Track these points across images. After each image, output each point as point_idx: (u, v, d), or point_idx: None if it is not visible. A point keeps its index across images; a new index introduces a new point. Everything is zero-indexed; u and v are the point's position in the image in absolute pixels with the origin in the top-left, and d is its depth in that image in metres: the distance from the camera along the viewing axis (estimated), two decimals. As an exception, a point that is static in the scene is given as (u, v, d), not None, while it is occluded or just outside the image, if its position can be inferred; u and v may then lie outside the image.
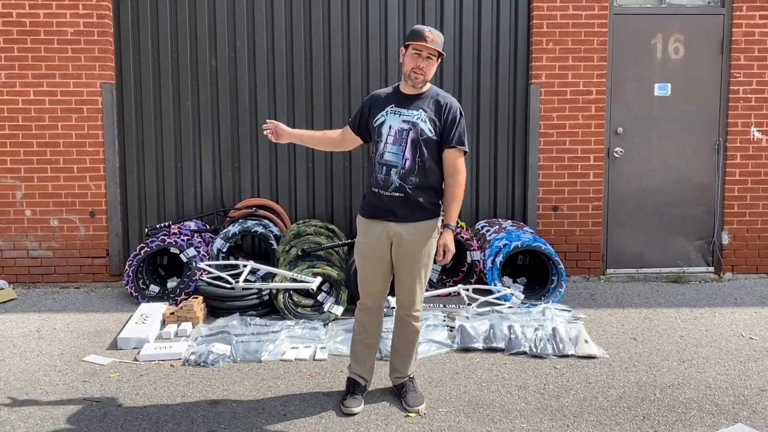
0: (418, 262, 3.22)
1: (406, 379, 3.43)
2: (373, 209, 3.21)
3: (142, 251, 5.09)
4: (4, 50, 5.44)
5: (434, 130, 3.16)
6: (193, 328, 4.44)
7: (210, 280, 4.88)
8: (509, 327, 4.26)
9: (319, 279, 4.69)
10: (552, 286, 5.11)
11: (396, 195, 3.14)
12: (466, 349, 4.11)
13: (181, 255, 5.06)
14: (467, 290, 5.04)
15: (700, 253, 5.99)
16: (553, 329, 4.23)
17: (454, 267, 5.52)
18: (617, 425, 3.17)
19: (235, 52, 5.71)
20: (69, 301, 5.23)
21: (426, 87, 3.24)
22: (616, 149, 5.85)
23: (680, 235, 5.96)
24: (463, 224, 5.62)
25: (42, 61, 5.47)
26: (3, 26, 5.42)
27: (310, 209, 5.89)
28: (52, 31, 5.45)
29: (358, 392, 3.36)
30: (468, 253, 5.26)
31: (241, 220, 5.46)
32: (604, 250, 5.94)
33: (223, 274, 4.86)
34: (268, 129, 3.38)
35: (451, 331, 4.34)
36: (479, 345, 4.13)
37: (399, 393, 3.42)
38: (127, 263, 5.11)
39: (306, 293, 4.85)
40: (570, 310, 4.80)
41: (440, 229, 3.24)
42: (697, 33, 5.80)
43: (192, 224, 5.57)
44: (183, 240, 5.13)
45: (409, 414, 3.27)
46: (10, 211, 5.58)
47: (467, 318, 4.49)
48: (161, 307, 4.74)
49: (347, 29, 5.74)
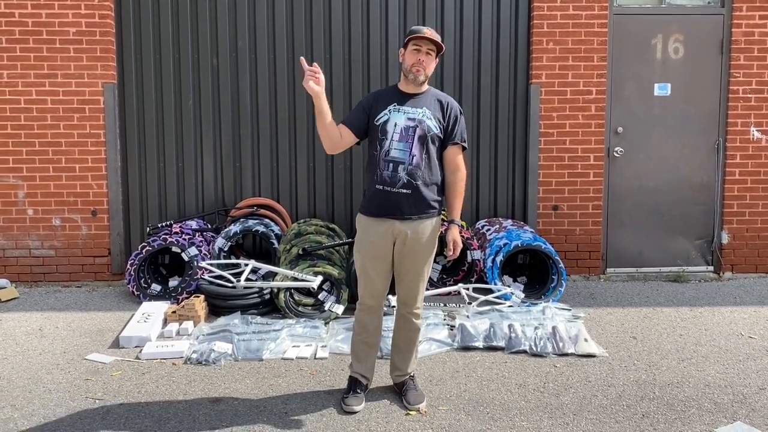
0: (421, 259, 3.27)
1: (406, 377, 3.45)
2: (378, 207, 3.22)
3: (143, 250, 5.11)
4: (7, 50, 5.46)
5: (439, 127, 3.23)
6: (195, 326, 4.45)
7: (211, 279, 4.90)
8: (509, 326, 4.28)
9: (320, 278, 4.71)
10: (552, 285, 5.13)
11: (404, 192, 3.16)
12: (467, 348, 4.12)
13: (183, 254, 5.08)
14: (467, 289, 5.06)
15: (700, 253, 6.01)
16: (553, 328, 4.25)
17: (454, 266, 5.54)
18: (617, 423, 3.18)
19: (236, 51, 5.73)
20: (71, 300, 5.25)
21: (425, 87, 3.29)
22: (616, 149, 5.87)
23: (680, 234, 5.98)
24: (464, 223, 5.64)
25: (44, 61, 5.49)
26: (5, 26, 5.44)
27: (311, 208, 5.91)
28: (54, 31, 5.47)
29: (359, 390, 3.38)
30: (468, 252, 5.27)
31: (242, 220, 5.48)
32: (604, 250, 5.96)
33: (224, 273, 4.88)
34: (314, 72, 3.06)
35: (451, 329, 4.36)
36: (479, 344, 4.14)
37: (400, 391, 3.44)
38: (129, 262, 5.13)
39: (307, 292, 4.87)
40: (570, 309, 4.82)
41: (442, 225, 3.27)
42: (696, 33, 5.81)
43: (193, 223, 5.59)
44: (184, 239, 5.15)
45: (410, 412, 3.29)
46: (13, 210, 5.60)
47: (467, 317, 4.51)
48: (163, 306, 4.76)
49: (348, 29, 5.76)
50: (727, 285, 5.70)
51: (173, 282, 5.29)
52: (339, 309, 4.69)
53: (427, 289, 5.03)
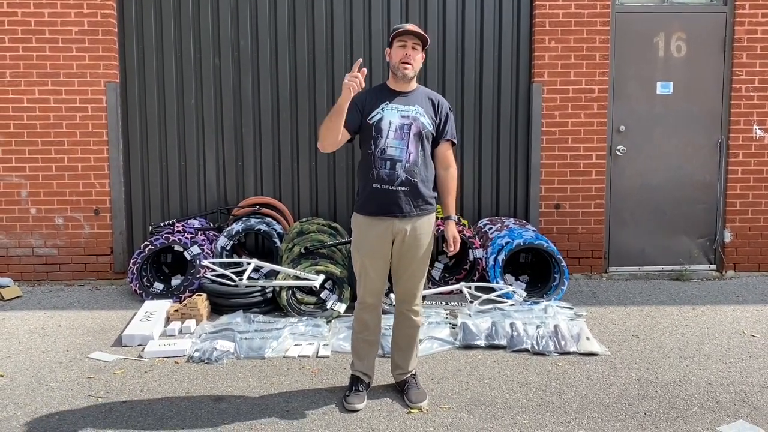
0: (419, 256, 3.29)
1: (408, 375, 3.45)
2: (376, 206, 3.22)
3: (146, 249, 5.12)
4: (10, 49, 5.47)
5: (432, 124, 3.26)
6: (197, 325, 4.46)
7: (214, 278, 4.92)
8: (511, 324, 4.28)
9: (321, 277, 4.72)
10: (554, 283, 5.13)
11: (402, 189, 3.17)
12: (469, 347, 4.12)
13: (185, 253, 5.09)
14: (470, 288, 5.05)
15: (702, 251, 6.00)
16: (555, 326, 4.25)
17: (456, 265, 5.54)
18: (618, 422, 3.18)
19: (238, 51, 5.73)
20: (74, 299, 5.26)
21: (414, 85, 3.32)
22: (618, 147, 5.86)
23: (682, 233, 5.97)
24: (466, 222, 5.64)
25: (47, 60, 5.50)
26: (8, 25, 5.46)
27: (312, 207, 5.92)
28: (56, 30, 5.48)
29: (361, 389, 3.39)
30: (470, 251, 5.27)
31: (244, 219, 5.49)
32: (606, 248, 5.95)
33: (226, 272, 4.89)
34: (356, 78, 3.00)
35: (453, 328, 4.37)
36: (481, 342, 4.15)
37: (401, 389, 3.44)
38: (132, 261, 5.14)
39: (309, 291, 4.88)
40: (572, 308, 4.82)
41: (438, 222, 3.28)
42: (699, 31, 5.80)
43: (196, 222, 5.60)
44: (187, 238, 5.16)
45: (412, 410, 3.29)
46: (16, 209, 5.61)
47: (469, 315, 4.51)
48: (165, 305, 4.77)
49: (350, 28, 5.76)
50: (729, 283, 5.69)
51: (176, 281, 5.30)
52: (341, 307, 4.69)
53: (429, 288, 5.04)
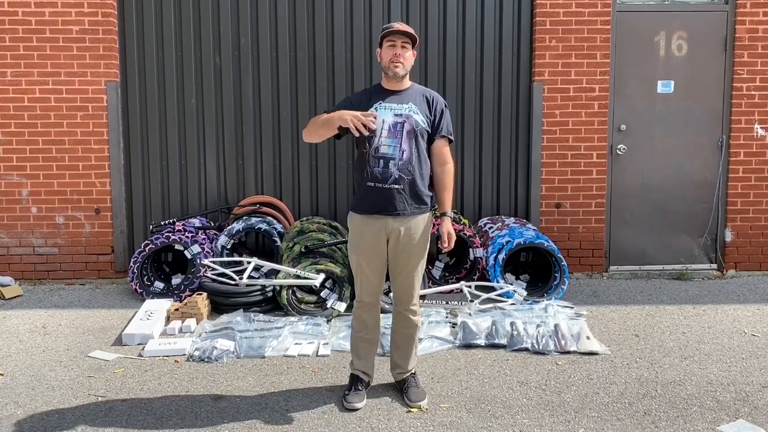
0: (415, 256, 3.28)
1: (407, 374, 3.46)
2: (370, 205, 3.23)
3: (146, 248, 5.13)
4: (10, 48, 5.48)
5: (426, 121, 3.26)
6: (197, 324, 4.47)
7: (214, 277, 4.92)
8: (511, 323, 4.28)
9: (322, 276, 4.72)
10: (554, 283, 5.12)
11: (396, 187, 3.18)
12: (469, 346, 4.12)
13: (186, 252, 5.09)
14: (470, 287, 5.05)
15: (703, 251, 5.99)
16: (555, 326, 4.24)
17: (456, 264, 5.54)
18: (618, 421, 3.18)
19: (239, 50, 5.74)
20: (74, 298, 5.27)
21: (407, 83, 3.32)
22: (619, 146, 5.85)
23: (683, 232, 5.96)
24: (466, 221, 5.64)
25: (47, 59, 5.51)
26: (9, 24, 5.46)
27: (313, 206, 5.92)
28: (57, 30, 5.49)
29: (360, 388, 3.39)
30: (471, 250, 5.27)
31: (245, 218, 5.49)
32: (607, 247, 5.95)
33: (227, 271, 4.89)
34: (371, 120, 3.09)
35: (453, 327, 4.37)
36: (481, 341, 4.14)
37: (401, 388, 3.44)
38: (132, 260, 5.15)
39: (309, 290, 4.88)
40: (572, 307, 4.82)
41: (435, 219, 3.28)
42: (700, 30, 5.79)
43: (196, 221, 5.60)
44: (187, 237, 5.16)
45: (411, 409, 3.29)
46: (16, 209, 5.62)
47: (470, 314, 4.51)
48: (166, 304, 4.78)
49: (350, 28, 5.76)
50: (730, 283, 5.69)
51: (176, 280, 5.30)
52: (341, 307, 4.69)
53: (430, 287, 5.04)
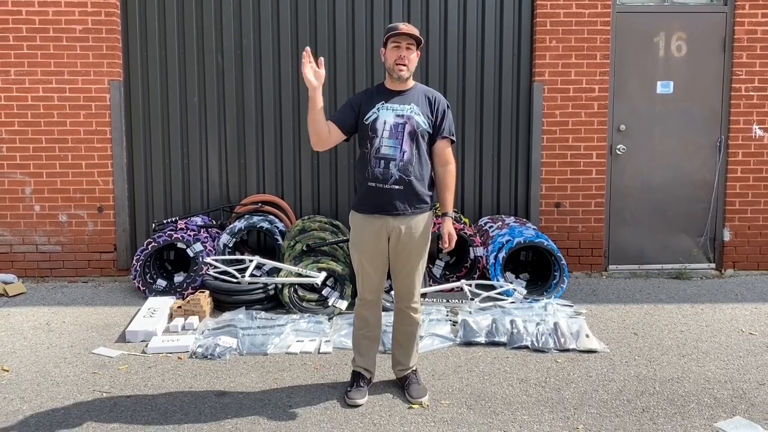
0: (415, 255, 3.31)
1: (409, 371, 3.49)
2: (371, 204, 3.26)
3: (149, 246, 5.16)
4: (14, 47, 5.51)
5: (428, 122, 3.27)
6: (200, 321, 4.50)
7: (216, 275, 4.95)
8: (511, 322, 4.31)
9: (323, 274, 4.75)
10: (554, 281, 5.16)
11: (396, 188, 3.21)
12: (469, 343, 4.16)
13: (188, 250, 5.13)
14: (470, 285, 5.09)
15: (702, 250, 6.03)
16: (555, 324, 4.28)
17: (457, 263, 5.57)
18: (617, 417, 3.22)
19: (241, 49, 5.77)
20: (77, 295, 5.30)
21: (410, 84, 3.34)
22: (618, 146, 5.89)
23: (682, 231, 6.00)
24: (467, 220, 5.67)
25: (51, 59, 5.53)
26: (12, 23, 5.49)
27: (314, 205, 5.95)
28: (60, 29, 5.51)
29: (362, 384, 3.42)
30: (471, 248, 5.31)
31: (246, 216, 5.53)
32: (606, 247, 5.98)
33: (229, 269, 4.92)
34: (311, 65, 3.14)
35: (454, 325, 4.40)
36: (482, 339, 4.18)
37: (402, 385, 3.48)
38: (135, 258, 5.18)
39: (311, 288, 4.92)
40: (572, 306, 4.85)
41: (436, 219, 3.30)
42: (699, 31, 5.83)
43: (198, 220, 5.63)
44: (190, 235, 5.19)
45: (413, 405, 3.33)
46: (20, 207, 5.65)
47: (470, 313, 4.54)
48: (168, 301, 4.81)
49: (352, 28, 5.79)
50: (728, 282, 5.72)
51: (178, 278, 5.33)
52: (342, 304, 4.73)
53: (430, 285, 5.07)
